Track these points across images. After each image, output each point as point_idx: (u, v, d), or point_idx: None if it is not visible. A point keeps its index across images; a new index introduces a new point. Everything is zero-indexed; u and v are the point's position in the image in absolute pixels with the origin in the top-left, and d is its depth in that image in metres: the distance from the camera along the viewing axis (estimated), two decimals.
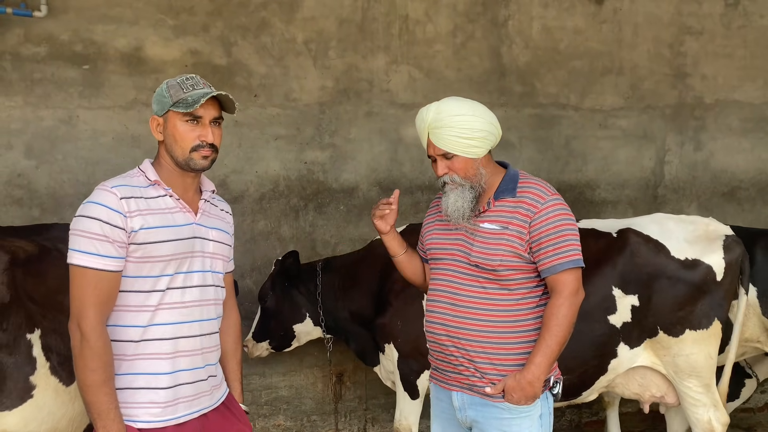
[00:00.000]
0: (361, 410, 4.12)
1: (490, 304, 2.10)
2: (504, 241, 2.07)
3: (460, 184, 2.12)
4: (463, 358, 2.11)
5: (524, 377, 2.04)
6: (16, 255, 2.20)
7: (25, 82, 3.55)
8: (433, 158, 2.15)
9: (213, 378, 1.96)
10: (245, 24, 3.85)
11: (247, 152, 3.88)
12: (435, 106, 2.14)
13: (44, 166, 3.59)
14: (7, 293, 2.10)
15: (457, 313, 2.12)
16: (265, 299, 3.43)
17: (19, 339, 2.12)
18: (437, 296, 2.19)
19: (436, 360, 2.23)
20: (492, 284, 2.10)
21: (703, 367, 2.89)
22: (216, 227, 1.98)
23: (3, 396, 2.07)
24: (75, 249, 1.75)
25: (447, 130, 2.09)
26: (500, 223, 2.10)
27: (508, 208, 2.11)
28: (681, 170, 4.54)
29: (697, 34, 4.51)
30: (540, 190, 2.12)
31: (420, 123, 2.17)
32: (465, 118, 2.11)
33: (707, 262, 2.89)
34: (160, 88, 1.89)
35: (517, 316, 2.10)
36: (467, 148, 2.10)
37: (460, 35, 4.18)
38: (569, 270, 2.06)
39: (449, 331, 2.13)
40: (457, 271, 2.15)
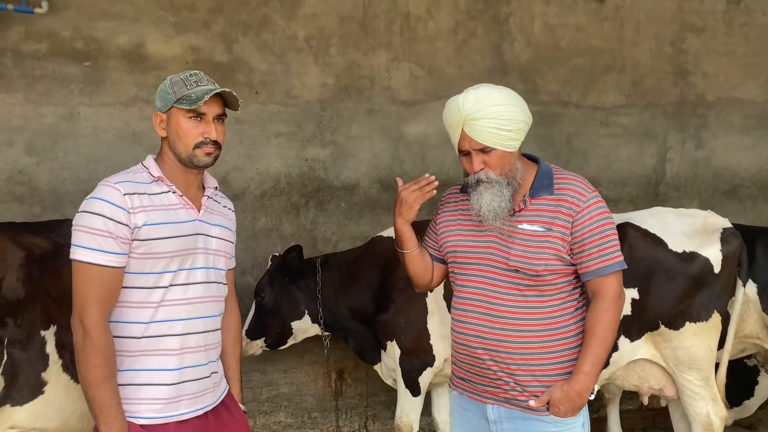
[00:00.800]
0: (362, 407, 4.13)
1: (531, 313, 1.96)
2: (548, 244, 1.93)
3: (496, 182, 1.95)
4: (501, 372, 1.98)
5: (572, 388, 1.92)
6: (32, 251, 2.21)
7: (26, 78, 3.54)
8: (466, 152, 1.98)
9: (215, 375, 1.96)
10: (246, 21, 3.85)
11: (248, 149, 3.87)
12: (472, 95, 1.96)
13: (45, 163, 3.58)
14: (22, 289, 2.11)
15: (495, 324, 1.97)
16: (261, 295, 3.36)
17: (33, 335, 2.13)
18: (469, 305, 2.02)
19: (467, 372, 2.08)
20: (532, 291, 1.96)
21: (702, 359, 2.90)
22: (219, 224, 1.99)
23: (14, 391, 2.09)
24: (78, 245, 1.75)
25: (487, 122, 1.92)
26: (542, 224, 1.95)
27: (547, 207, 1.97)
28: (682, 168, 4.54)
29: (698, 32, 4.50)
30: (579, 186, 1.99)
31: (453, 114, 1.97)
32: (505, 108, 1.95)
33: (705, 255, 2.90)
34: (164, 84, 1.89)
35: (558, 323, 1.98)
36: (506, 141, 1.94)
37: (461, 32, 4.17)
38: (613, 273, 1.95)
39: (486, 343, 1.98)
40: (492, 278, 1.99)
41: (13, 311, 2.09)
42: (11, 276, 2.10)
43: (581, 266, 1.96)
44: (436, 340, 3.11)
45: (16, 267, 2.12)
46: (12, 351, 2.07)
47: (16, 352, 2.09)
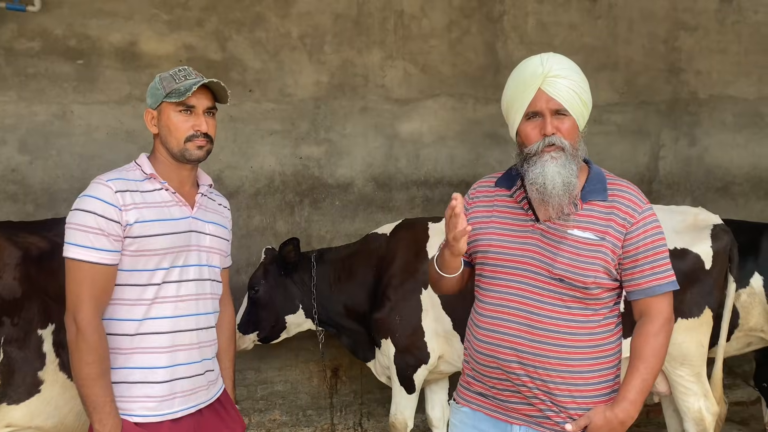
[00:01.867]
0: (357, 405, 4.13)
1: (574, 327, 1.78)
2: (600, 254, 1.76)
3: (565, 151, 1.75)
4: (538, 389, 1.78)
5: (616, 416, 1.75)
6: (29, 251, 2.21)
7: (19, 77, 3.53)
8: (535, 115, 1.78)
9: (210, 372, 1.96)
10: (240, 19, 3.84)
11: (241, 147, 3.87)
12: (551, 55, 1.83)
13: (38, 161, 3.58)
14: (19, 288, 2.12)
15: (535, 337, 1.77)
16: (255, 288, 3.33)
17: (30, 334, 2.13)
18: (504, 313, 1.82)
19: (491, 387, 1.87)
20: (576, 303, 1.78)
21: (694, 355, 2.92)
22: (213, 221, 1.99)
23: (10, 390, 2.08)
24: (70, 242, 1.75)
25: (568, 82, 1.77)
26: (595, 232, 1.77)
27: (600, 214, 1.79)
28: (675, 165, 4.56)
29: (691, 30, 4.52)
30: (634, 195, 1.82)
31: (531, 71, 1.80)
32: (583, 78, 1.82)
33: (695, 251, 2.92)
34: (154, 81, 1.90)
35: (599, 340, 1.81)
36: (580, 111, 1.79)
37: (455, 30, 4.18)
38: (665, 294, 1.81)
39: (523, 357, 1.77)
40: (533, 285, 1.79)
41: (9, 310, 2.09)
42: (8, 275, 2.10)
43: (631, 283, 1.80)
44: (430, 337, 3.12)
45: (13, 266, 2.12)
46: (8, 350, 2.08)
47: (12, 350, 2.09)
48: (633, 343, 1.82)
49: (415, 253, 3.14)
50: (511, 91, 1.86)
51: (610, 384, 1.85)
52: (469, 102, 4.15)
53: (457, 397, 1.99)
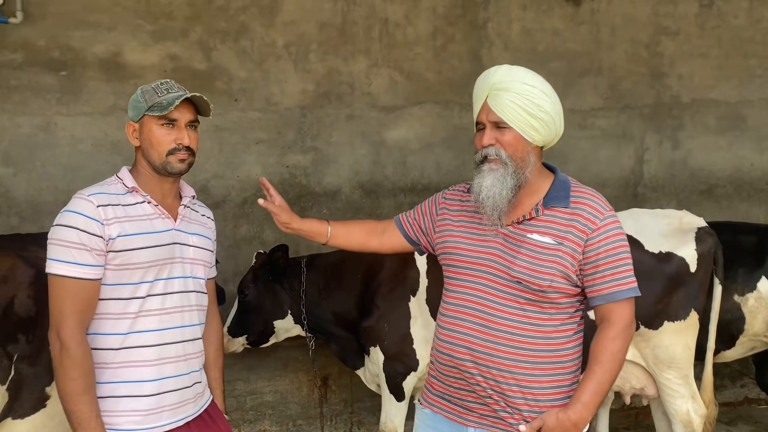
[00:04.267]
0: (347, 413, 4.12)
1: (528, 330, 1.81)
2: (557, 259, 1.79)
3: (503, 164, 1.80)
4: (491, 389, 1.81)
5: (569, 417, 1.76)
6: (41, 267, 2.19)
7: (2, 89, 3.51)
8: (482, 125, 1.85)
9: (198, 384, 1.95)
10: (224, 28, 3.84)
11: (228, 157, 3.86)
12: (505, 66, 1.86)
13: (22, 173, 3.55)
14: (33, 306, 2.11)
15: (490, 337, 1.81)
16: (245, 292, 3.33)
17: (42, 351, 2.11)
18: (461, 313, 1.87)
19: (449, 387, 1.90)
20: (533, 306, 1.81)
21: (681, 358, 2.94)
22: (197, 233, 1.98)
23: (17, 404, 2.08)
24: (53, 258, 1.74)
25: (510, 95, 1.80)
26: (554, 237, 1.80)
27: (561, 220, 1.82)
28: (660, 169, 4.60)
29: (673, 35, 4.57)
30: (597, 203, 1.85)
31: (482, 83, 1.86)
32: (534, 91, 1.82)
33: (680, 255, 2.94)
34: (135, 94, 1.89)
35: (556, 345, 1.82)
36: (526, 126, 1.81)
37: (440, 38, 4.20)
38: (626, 300, 1.81)
39: (477, 357, 1.82)
40: (492, 287, 1.84)
41: (25, 328, 2.09)
42: (23, 294, 2.10)
43: (592, 289, 1.82)
44: (419, 344, 3.12)
45: (27, 284, 2.12)
46: (20, 366, 2.08)
47: (23, 367, 2.09)
48: (592, 348, 1.83)
49: (403, 261, 3.14)
50: (473, 100, 1.93)
51: (565, 390, 1.85)
52: (454, 109, 4.17)
53: (421, 398, 2.04)
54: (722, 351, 3.29)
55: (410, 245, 2.16)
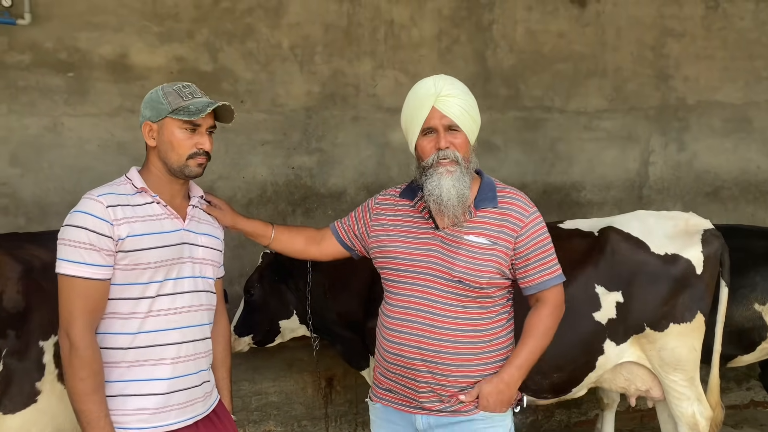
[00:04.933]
0: (352, 414, 4.12)
1: (471, 325, 1.97)
2: (493, 257, 1.95)
3: (458, 164, 1.94)
4: (437, 384, 1.98)
5: (502, 379, 1.96)
6: (32, 264, 2.21)
7: (10, 90, 3.53)
8: (430, 130, 1.96)
9: (206, 384, 1.96)
10: (231, 30, 3.85)
11: (233, 158, 3.88)
12: (442, 76, 2.02)
13: (29, 174, 3.56)
14: (22, 301, 2.12)
15: (438, 336, 1.95)
16: (251, 292, 3.34)
17: (31, 346, 2.13)
18: (409, 315, 1.99)
19: (396, 383, 2.05)
20: (473, 302, 1.97)
21: (687, 360, 2.93)
22: (205, 233, 1.99)
23: (6, 399, 2.08)
24: (62, 258, 1.75)
25: (459, 101, 1.95)
26: (488, 237, 1.96)
27: (492, 220, 1.99)
28: (665, 171, 4.59)
29: (678, 36, 4.57)
30: (521, 201, 2.04)
31: (423, 91, 1.98)
32: (471, 97, 2.01)
33: (686, 257, 2.93)
34: (155, 94, 1.89)
35: (492, 334, 2.01)
36: (470, 127, 1.97)
37: (445, 39, 4.21)
38: (555, 285, 2.04)
39: (425, 354, 1.96)
40: (435, 288, 1.97)
41: (14, 323, 2.10)
42: (11, 289, 2.11)
43: (524, 280, 2.02)
44: None
45: (16, 280, 2.12)
46: (8, 361, 2.07)
47: (12, 362, 2.08)
48: (527, 323, 2.04)
49: None
50: (408, 110, 2.04)
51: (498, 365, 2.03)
52: None
53: (372, 394, 2.18)
54: (740, 356, 3.28)
55: (346, 252, 2.30)
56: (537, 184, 4.34)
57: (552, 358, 2.90)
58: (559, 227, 3.17)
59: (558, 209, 4.36)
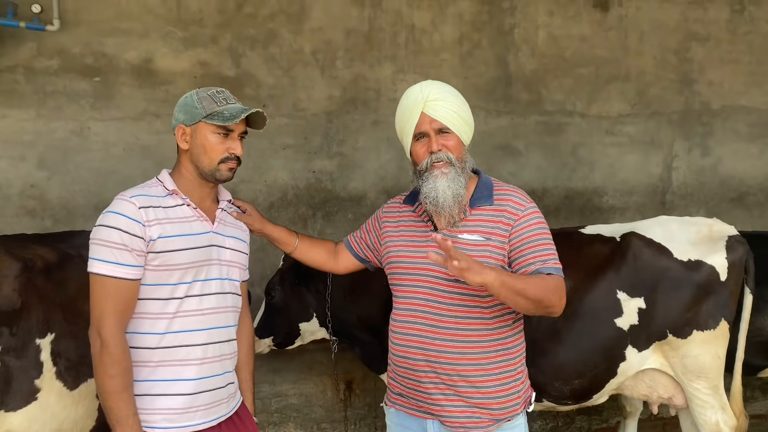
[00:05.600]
0: (371, 418, 4.13)
1: (473, 323, 1.96)
2: (488, 253, 1.94)
3: (452, 165, 1.96)
4: (443, 384, 1.97)
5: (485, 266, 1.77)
6: (32, 263, 2.24)
7: (38, 94, 3.60)
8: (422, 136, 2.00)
9: (231, 385, 1.98)
10: (253, 35, 3.90)
11: (255, 162, 3.91)
12: (429, 82, 2.05)
13: (56, 177, 3.63)
14: (18, 300, 2.14)
15: (441, 336, 1.95)
16: (272, 294, 3.36)
17: (28, 343, 2.15)
18: (412, 317, 2.00)
19: (405, 387, 2.05)
20: (473, 301, 1.96)
21: (711, 368, 2.89)
22: (232, 236, 2.02)
23: (8, 397, 2.11)
24: (95, 258, 1.79)
25: (447, 104, 1.98)
26: (482, 234, 1.96)
27: (487, 217, 1.99)
28: (689, 176, 4.54)
29: (703, 40, 4.52)
30: (519, 197, 2.02)
31: (412, 98, 2.01)
32: (460, 99, 2.05)
33: (710, 263, 2.90)
34: (190, 99, 1.93)
35: (498, 334, 1.98)
36: (462, 128, 2.00)
37: (466, 44, 4.21)
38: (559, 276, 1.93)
39: (429, 355, 1.96)
40: (436, 289, 1.98)
41: (8, 321, 2.12)
42: (6, 287, 2.13)
43: (520, 271, 1.94)
44: None
45: (12, 278, 2.15)
46: (6, 359, 2.10)
47: (9, 359, 2.11)
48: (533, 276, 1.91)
49: None
50: (400, 118, 2.08)
51: (512, 374, 2.00)
52: (480, 114, 4.17)
53: (386, 399, 2.19)
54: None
55: (361, 264, 2.36)
56: (558, 189, 4.32)
57: (573, 363, 2.90)
58: (580, 232, 3.16)
59: (579, 214, 4.33)
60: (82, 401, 2.27)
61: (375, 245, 2.27)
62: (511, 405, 2.02)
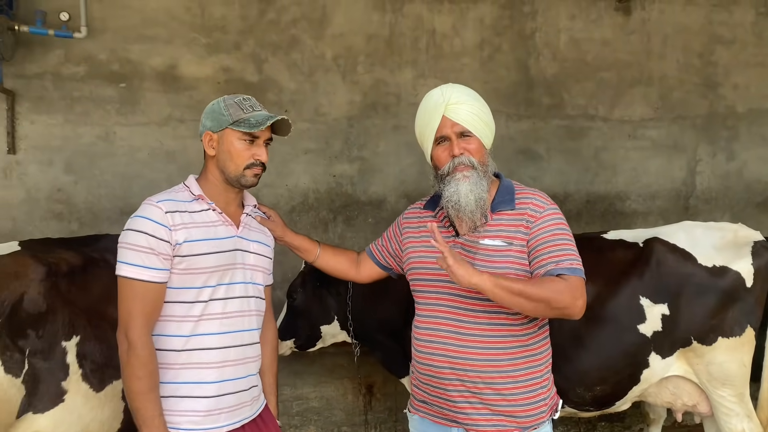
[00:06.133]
0: (391, 422, 4.13)
1: (497, 330, 1.92)
2: (511, 259, 1.91)
3: (474, 168, 1.93)
4: (468, 392, 1.93)
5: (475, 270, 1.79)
6: (57, 266, 2.28)
7: (66, 100, 3.67)
8: (443, 140, 1.97)
9: (254, 388, 2.00)
10: (276, 41, 3.94)
11: (277, 166, 3.95)
12: (450, 85, 2.02)
13: (83, 181, 3.70)
14: (43, 303, 2.18)
15: (465, 343, 1.92)
16: (293, 296, 3.38)
17: (54, 346, 2.18)
18: (436, 323, 1.98)
19: (429, 394, 2.03)
20: (497, 307, 1.91)
21: (736, 375, 2.85)
22: (257, 240, 2.05)
23: (36, 399, 2.14)
24: (123, 261, 1.82)
25: (468, 107, 1.96)
26: (504, 239, 1.92)
27: (509, 222, 1.95)
28: (713, 180, 4.48)
29: (728, 44, 4.47)
30: (539, 200, 1.98)
31: (433, 101, 1.99)
32: (482, 102, 2.02)
33: (735, 269, 2.85)
34: (217, 106, 1.96)
35: (524, 341, 1.95)
36: (483, 131, 1.97)
37: (487, 48, 4.21)
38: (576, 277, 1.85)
39: (454, 363, 1.93)
40: (459, 295, 1.95)
41: (34, 323, 2.15)
42: (33, 290, 2.17)
43: (536, 271, 1.89)
44: None
45: (38, 282, 2.19)
46: (33, 361, 2.13)
47: (37, 362, 2.14)
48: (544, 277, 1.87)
49: None
50: (419, 121, 2.05)
51: (539, 381, 1.96)
52: (501, 118, 4.16)
53: (409, 406, 2.16)
54: None
55: (384, 272, 2.35)
56: (580, 194, 4.29)
57: (595, 370, 2.87)
58: (602, 238, 3.13)
59: (601, 219, 4.29)
60: (108, 403, 2.29)
61: (397, 252, 2.27)
62: (538, 413, 1.98)
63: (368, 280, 2.43)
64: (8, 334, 2.08)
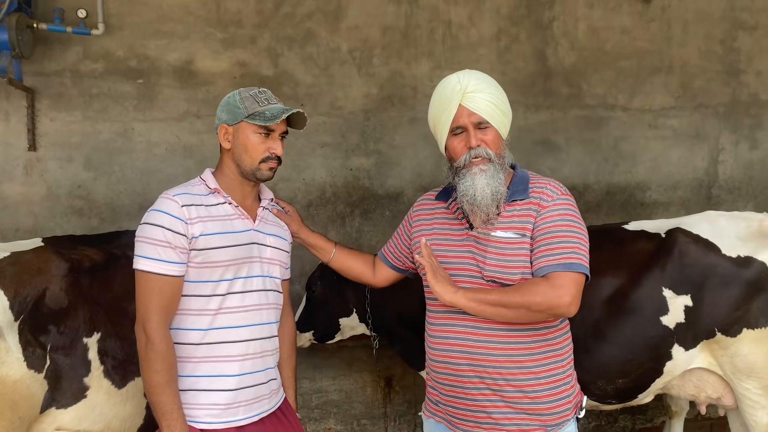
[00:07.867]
0: (411, 414, 4.13)
1: (516, 324, 1.83)
2: (523, 251, 1.83)
3: (491, 161, 1.85)
4: (488, 389, 1.85)
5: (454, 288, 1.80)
6: (80, 263, 2.30)
7: (84, 97, 3.70)
8: (460, 130, 1.89)
9: (273, 381, 2.01)
10: (291, 35, 3.93)
11: (294, 160, 3.95)
12: (468, 72, 1.92)
13: (102, 177, 3.73)
14: (65, 299, 2.20)
15: (483, 337, 1.84)
16: (312, 289, 3.38)
17: (75, 342, 2.20)
18: (452, 319, 1.90)
19: (446, 395, 1.94)
20: None
21: (762, 367, 2.80)
22: (274, 234, 2.05)
23: (58, 394, 2.16)
24: (140, 255, 1.83)
25: (486, 95, 1.87)
26: (516, 230, 1.85)
27: (520, 212, 1.89)
28: (736, 170, 4.41)
29: (750, 29, 4.38)
30: (551, 189, 1.90)
31: (449, 89, 1.89)
32: (499, 90, 1.93)
33: (761, 259, 2.80)
34: (233, 99, 1.96)
35: (542, 335, 1.87)
36: (501, 121, 1.89)
37: (504, 38, 4.16)
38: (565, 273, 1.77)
39: (473, 358, 1.85)
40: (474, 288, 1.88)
41: (55, 319, 2.17)
42: (55, 286, 2.18)
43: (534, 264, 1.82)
44: None
45: (60, 277, 2.20)
46: (55, 356, 2.15)
47: (59, 357, 2.16)
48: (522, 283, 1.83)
49: None
50: (434, 109, 1.97)
51: (561, 377, 1.89)
52: (519, 109, 4.12)
53: (424, 409, 2.10)
54: None
55: (399, 274, 2.31)
56: (600, 185, 4.24)
57: (617, 362, 2.84)
58: (624, 228, 3.09)
59: (622, 210, 4.24)
60: (130, 399, 2.31)
61: (409, 248, 2.22)
62: (562, 410, 1.91)
63: (385, 283, 2.39)
64: (30, 330, 2.10)
